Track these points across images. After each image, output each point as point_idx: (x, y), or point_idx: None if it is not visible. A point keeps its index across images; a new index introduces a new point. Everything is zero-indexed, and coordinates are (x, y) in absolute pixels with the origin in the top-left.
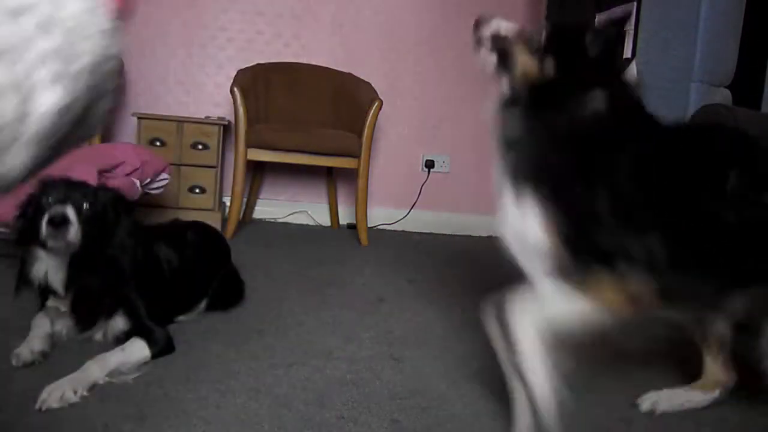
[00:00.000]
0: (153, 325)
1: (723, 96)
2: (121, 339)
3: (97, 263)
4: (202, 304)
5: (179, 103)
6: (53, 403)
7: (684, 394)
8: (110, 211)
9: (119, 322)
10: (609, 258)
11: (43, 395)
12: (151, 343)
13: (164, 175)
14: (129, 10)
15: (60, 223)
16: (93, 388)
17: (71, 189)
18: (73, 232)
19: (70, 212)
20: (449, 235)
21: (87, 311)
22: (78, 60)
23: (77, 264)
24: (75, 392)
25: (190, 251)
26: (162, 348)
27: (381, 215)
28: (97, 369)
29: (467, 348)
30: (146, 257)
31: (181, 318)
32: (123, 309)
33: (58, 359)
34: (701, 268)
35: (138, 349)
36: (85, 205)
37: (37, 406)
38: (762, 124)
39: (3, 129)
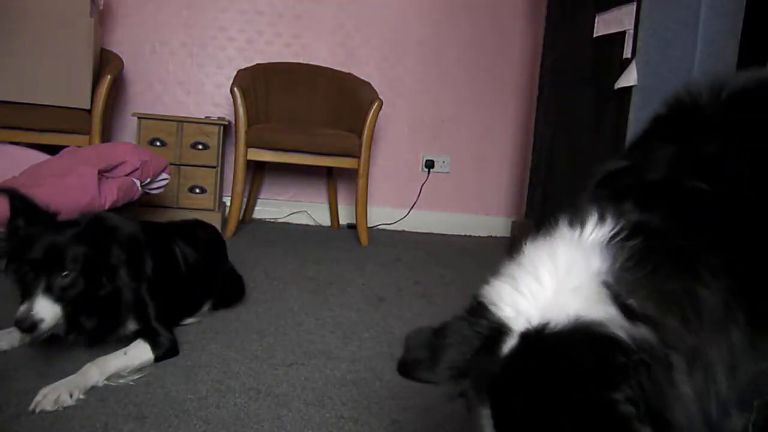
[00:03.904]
0: (160, 328)
1: None
2: (130, 338)
3: (96, 302)
4: (208, 305)
5: (179, 103)
6: (47, 405)
7: None
8: (100, 252)
9: (129, 325)
10: None
11: (38, 397)
12: (155, 346)
13: (164, 175)
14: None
15: (30, 328)
16: (92, 389)
17: (50, 250)
18: (46, 326)
19: (40, 310)
20: (449, 235)
21: (93, 332)
22: None
23: (75, 309)
24: (71, 395)
25: (202, 250)
26: (166, 351)
27: (381, 215)
28: (96, 373)
29: None
30: (164, 257)
31: (189, 320)
32: (131, 313)
33: (61, 359)
34: None
35: (141, 353)
36: (65, 274)
37: (30, 408)
38: None
39: None
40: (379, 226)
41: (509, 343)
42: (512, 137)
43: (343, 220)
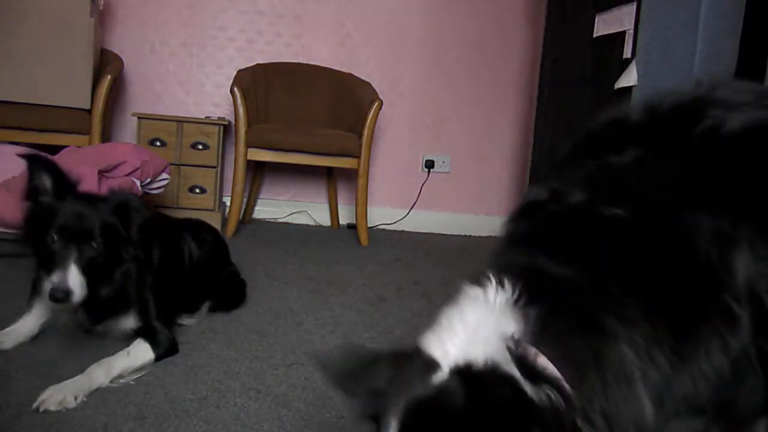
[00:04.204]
0: (160, 327)
1: None
2: (130, 335)
3: (112, 275)
4: (206, 306)
5: (179, 103)
6: (51, 405)
7: None
8: (123, 228)
9: (129, 321)
10: None
11: (43, 396)
12: (155, 345)
13: (164, 175)
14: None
15: (64, 298)
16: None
17: (82, 219)
18: (76, 299)
19: (73, 281)
20: (449, 235)
21: (98, 311)
22: None
23: (91, 280)
24: (75, 398)
25: (207, 250)
26: (166, 350)
27: (381, 215)
28: (101, 374)
29: None
30: (171, 250)
31: (187, 320)
32: (134, 308)
33: (62, 360)
34: None
35: (143, 353)
36: (93, 245)
37: (34, 406)
38: None
39: None
40: (379, 226)
41: (437, 375)
42: (512, 137)
43: (343, 220)
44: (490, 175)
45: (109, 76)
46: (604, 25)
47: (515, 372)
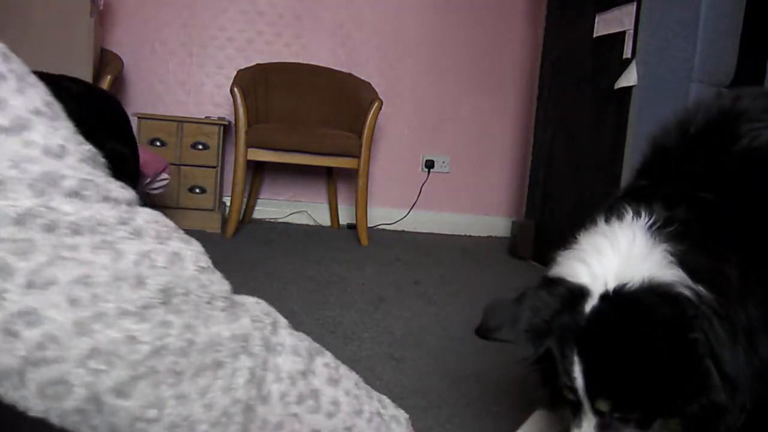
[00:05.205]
0: None
1: None
2: None
3: None
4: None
5: (179, 103)
6: None
7: None
8: None
9: None
10: None
11: None
12: None
13: (164, 175)
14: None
15: None
16: None
17: None
18: None
19: None
20: (449, 235)
21: None
22: None
23: None
24: None
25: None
26: None
27: (381, 215)
28: None
29: (467, 348)
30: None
31: None
32: None
33: None
34: None
35: None
36: None
37: None
38: None
39: None
40: (379, 226)
41: (590, 303)
42: (512, 137)
43: (343, 220)
44: (490, 175)
45: (109, 76)
46: (604, 25)
47: (674, 281)
